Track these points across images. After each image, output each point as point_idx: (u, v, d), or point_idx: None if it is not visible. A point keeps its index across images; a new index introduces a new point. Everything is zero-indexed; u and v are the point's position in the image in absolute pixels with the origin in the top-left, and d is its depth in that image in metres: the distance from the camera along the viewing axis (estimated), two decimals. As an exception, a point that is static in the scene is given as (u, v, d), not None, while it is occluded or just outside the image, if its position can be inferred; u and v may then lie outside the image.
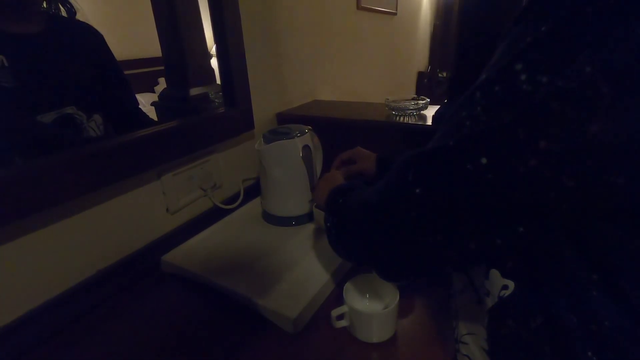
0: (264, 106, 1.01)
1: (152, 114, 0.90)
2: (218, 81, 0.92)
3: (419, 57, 3.03)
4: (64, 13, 0.65)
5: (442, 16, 3.20)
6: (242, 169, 0.95)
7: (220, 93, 0.90)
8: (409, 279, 0.62)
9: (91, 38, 0.70)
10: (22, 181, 0.51)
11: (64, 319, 0.58)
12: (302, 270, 0.65)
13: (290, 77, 1.12)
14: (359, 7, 1.60)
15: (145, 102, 0.94)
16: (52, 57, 0.64)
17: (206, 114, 0.85)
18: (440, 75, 3.26)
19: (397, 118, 0.94)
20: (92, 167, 0.59)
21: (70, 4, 0.65)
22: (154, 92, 1.02)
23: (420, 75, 3.14)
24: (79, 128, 0.66)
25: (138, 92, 0.96)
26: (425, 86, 3.17)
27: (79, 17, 0.66)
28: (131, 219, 0.70)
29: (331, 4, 1.36)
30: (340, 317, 0.52)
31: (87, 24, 0.67)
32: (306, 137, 0.79)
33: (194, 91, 0.92)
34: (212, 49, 0.90)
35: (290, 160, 0.78)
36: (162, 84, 1.00)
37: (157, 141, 0.70)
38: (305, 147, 0.79)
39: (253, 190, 0.93)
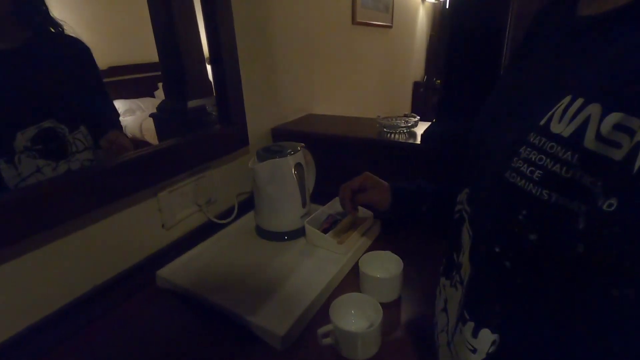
0: (258, 121, 1.04)
1: (149, 122, 0.92)
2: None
3: (415, 67, 3.07)
4: (51, 29, 0.66)
5: (437, 28, 3.26)
6: (237, 183, 0.98)
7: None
8: None
9: (75, 52, 0.70)
10: (17, 205, 0.53)
11: (60, 335, 0.60)
12: (292, 286, 0.67)
13: (285, 92, 1.15)
14: (354, 22, 1.64)
15: (145, 107, 0.96)
16: (29, 72, 0.64)
17: (202, 133, 0.88)
18: (436, 83, 3.31)
19: (388, 135, 0.97)
20: (90, 188, 0.62)
21: (54, 21, 0.65)
22: (154, 96, 1.03)
23: (416, 84, 3.19)
24: (62, 141, 0.66)
25: (138, 97, 0.98)
26: (422, 95, 3.22)
27: (69, 31, 0.67)
28: (127, 236, 0.72)
29: (327, 19, 1.40)
30: (326, 335, 0.54)
31: (74, 38, 0.68)
32: (299, 155, 0.82)
33: (192, 103, 0.94)
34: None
35: (282, 178, 0.80)
36: (162, 88, 1.02)
37: (154, 161, 0.72)
38: (298, 165, 0.81)
39: (247, 205, 0.95)
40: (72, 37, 0.68)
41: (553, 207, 0.26)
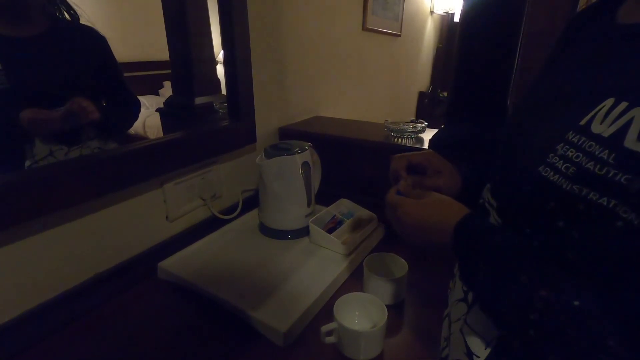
0: (267, 120, 1.04)
1: (156, 119, 0.92)
2: (223, 91, 0.94)
3: (421, 77, 3.09)
4: (67, 17, 0.67)
5: (445, 39, 3.29)
6: (242, 180, 0.98)
7: (225, 103, 0.92)
8: None
9: (93, 41, 0.72)
10: (24, 186, 0.52)
11: (58, 321, 0.59)
12: (295, 284, 0.66)
13: (295, 93, 1.16)
14: (364, 28, 1.65)
15: (150, 104, 0.97)
16: (49, 59, 0.66)
17: (211, 127, 0.88)
18: (440, 95, 3.33)
19: (395, 140, 0.97)
20: (97, 175, 0.61)
21: (72, 9, 0.67)
22: (158, 94, 1.04)
23: (422, 95, 3.20)
24: (76, 127, 0.67)
25: (142, 95, 0.98)
26: (426, 106, 3.23)
27: (83, 21, 0.68)
28: (131, 226, 0.71)
29: (338, 24, 1.41)
30: (329, 333, 0.54)
31: (91, 27, 0.69)
32: (306, 154, 0.82)
33: (199, 100, 0.94)
34: (219, 54, 0.93)
35: (289, 176, 0.80)
36: (167, 87, 1.03)
37: (162, 151, 0.72)
38: (305, 164, 0.81)
39: (252, 201, 0.95)
40: (88, 26, 0.69)
41: (582, 200, 0.27)
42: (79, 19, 0.68)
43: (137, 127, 0.93)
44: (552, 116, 0.35)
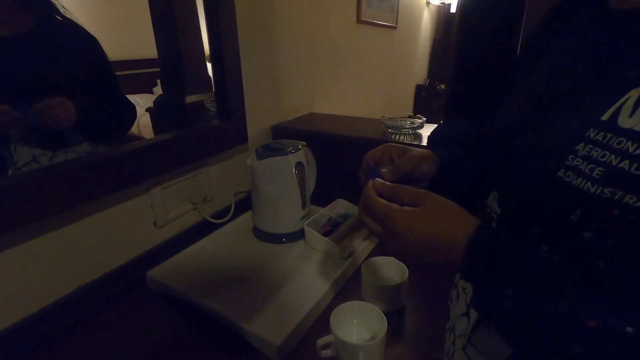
0: (258, 119, 1.00)
1: (146, 118, 0.89)
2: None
3: (418, 70, 3.05)
4: (57, 16, 0.64)
5: (441, 31, 3.24)
6: (234, 182, 0.94)
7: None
8: None
9: (82, 42, 0.68)
10: (1, 196, 0.49)
11: (42, 336, 0.56)
12: (290, 292, 0.63)
13: (287, 90, 1.12)
14: (358, 20, 1.61)
15: (143, 103, 0.94)
16: (31, 59, 0.62)
17: (198, 127, 0.84)
18: (438, 88, 3.28)
19: (393, 136, 0.93)
20: (80, 181, 0.58)
21: (59, 8, 0.64)
22: (152, 93, 1.01)
23: (419, 88, 3.16)
24: (61, 131, 0.64)
25: (136, 93, 0.96)
26: (424, 99, 3.19)
27: (75, 20, 0.66)
28: (116, 233, 0.68)
29: (331, 16, 1.37)
30: (326, 346, 0.51)
31: (80, 27, 0.66)
32: (299, 154, 0.78)
33: (190, 99, 0.91)
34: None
35: (282, 177, 0.76)
36: (160, 85, 0.99)
37: (147, 155, 0.69)
38: (299, 164, 0.78)
39: (244, 204, 0.91)
40: (79, 26, 0.66)
41: (616, 205, 0.24)
42: (67, 18, 0.65)
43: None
44: (563, 114, 0.31)
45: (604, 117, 0.26)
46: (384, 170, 0.45)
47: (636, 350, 0.23)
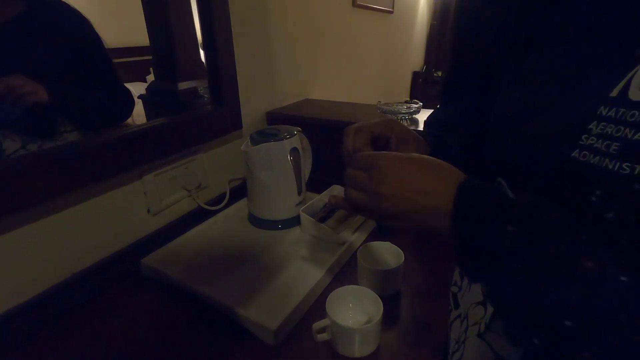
0: (253, 105, 0.98)
1: (139, 106, 0.87)
2: (208, 75, 0.89)
3: (415, 56, 3.01)
4: None
5: (439, 16, 3.19)
6: (229, 169, 0.93)
7: (210, 88, 0.87)
8: None
9: (74, 24, 0.66)
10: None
11: (36, 324, 0.56)
12: (286, 278, 0.63)
13: (282, 75, 1.10)
14: (354, 4, 1.57)
15: (137, 91, 0.91)
16: (21, 45, 0.60)
17: (191, 113, 0.83)
18: (435, 74, 3.25)
19: (389, 121, 0.92)
20: (70, 167, 0.57)
21: None
22: (145, 81, 0.99)
23: (415, 74, 3.13)
24: (50, 119, 0.62)
25: (129, 82, 0.93)
26: (420, 86, 3.16)
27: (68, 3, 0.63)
28: (109, 221, 0.67)
29: (326, 0, 1.34)
30: (322, 330, 0.51)
31: (74, 9, 0.64)
32: (295, 139, 0.77)
33: (183, 85, 0.89)
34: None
35: (277, 163, 0.76)
36: (153, 72, 0.97)
37: (139, 141, 0.67)
38: (294, 150, 0.77)
39: (240, 191, 0.90)
40: (71, 7, 0.63)
41: (636, 179, 0.23)
42: (58, 1, 0.63)
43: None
44: (570, 95, 0.30)
45: (613, 94, 0.26)
46: None
47: (631, 299, 0.22)
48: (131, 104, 0.79)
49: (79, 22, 0.66)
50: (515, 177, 0.34)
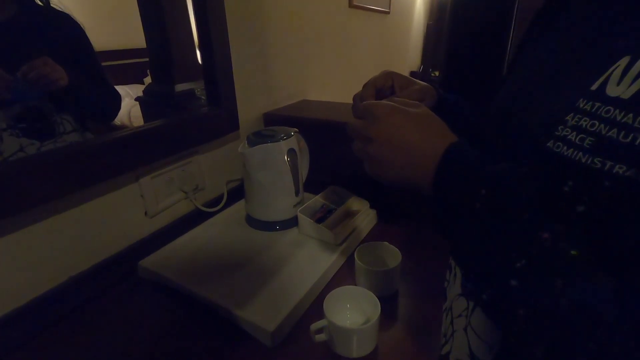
0: (250, 106, 0.98)
1: (136, 108, 0.87)
2: (205, 77, 0.89)
3: (412, 56, 3.02)
4: (39, 2, 0.62)
5: (435, 16, 3.20)
6: (226, 170, 0.93)
7: (207, 89, 0.87)
8: None
9: (67, 29, 0.66)
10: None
11: (34, 328, 0.56)
12: (283, 279, 0.63)
13: (279, 76, 1.10)
14: (350, 5, 1.57)
15: (134, 93, 0.91)
16: (14, 47, 0.60)
17: (189, 115, 0.83)
18: (432, 74, 3.26)
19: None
20: (66, 170, 0.56)
21: None
22: (142, 83, 0.98)
23: (412, 74, 3.14)
24: (48, 121, 0.62)
25: (126, 84, 0.93)
26: (417, 86, 3.17)
27: (59, 6, 0.63)
28: (106, 224, 0.67)
29: (323, 1, 1.34)
30: (320, 331, 0.51)
31: (66, 14, 0.64)
32: (292, 140, 0.77)
33: (180, 87, 0.89)
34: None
35: (274, 164, 0.76)
36: (149, 74, 0.97)
37: (136, 143, 0.67)
38: (291, 151, 0.77)
39: (237, 192, 0.90)
40: (62, 12, 0.63)
41: (606, 175, 0.23)
42: (49, 5, 0.62)
43: (122, 118, 0.88)
44: (556, 87, 0.31)
45: (593, 87, 0.26)
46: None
47: (571, 271, 0.23)
48: (118, 103, 0.78)
49: (70, 27, 0.66)
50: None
